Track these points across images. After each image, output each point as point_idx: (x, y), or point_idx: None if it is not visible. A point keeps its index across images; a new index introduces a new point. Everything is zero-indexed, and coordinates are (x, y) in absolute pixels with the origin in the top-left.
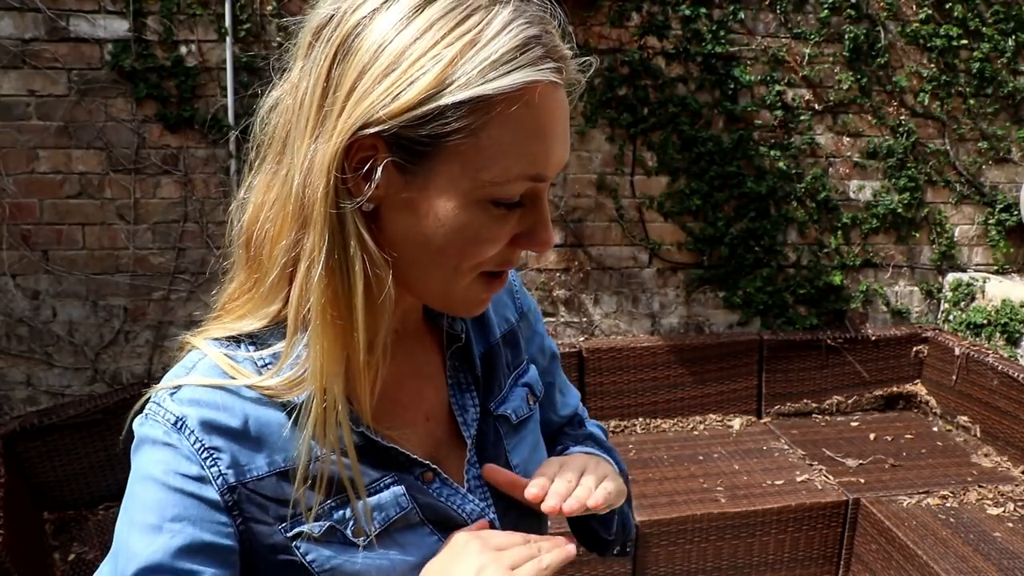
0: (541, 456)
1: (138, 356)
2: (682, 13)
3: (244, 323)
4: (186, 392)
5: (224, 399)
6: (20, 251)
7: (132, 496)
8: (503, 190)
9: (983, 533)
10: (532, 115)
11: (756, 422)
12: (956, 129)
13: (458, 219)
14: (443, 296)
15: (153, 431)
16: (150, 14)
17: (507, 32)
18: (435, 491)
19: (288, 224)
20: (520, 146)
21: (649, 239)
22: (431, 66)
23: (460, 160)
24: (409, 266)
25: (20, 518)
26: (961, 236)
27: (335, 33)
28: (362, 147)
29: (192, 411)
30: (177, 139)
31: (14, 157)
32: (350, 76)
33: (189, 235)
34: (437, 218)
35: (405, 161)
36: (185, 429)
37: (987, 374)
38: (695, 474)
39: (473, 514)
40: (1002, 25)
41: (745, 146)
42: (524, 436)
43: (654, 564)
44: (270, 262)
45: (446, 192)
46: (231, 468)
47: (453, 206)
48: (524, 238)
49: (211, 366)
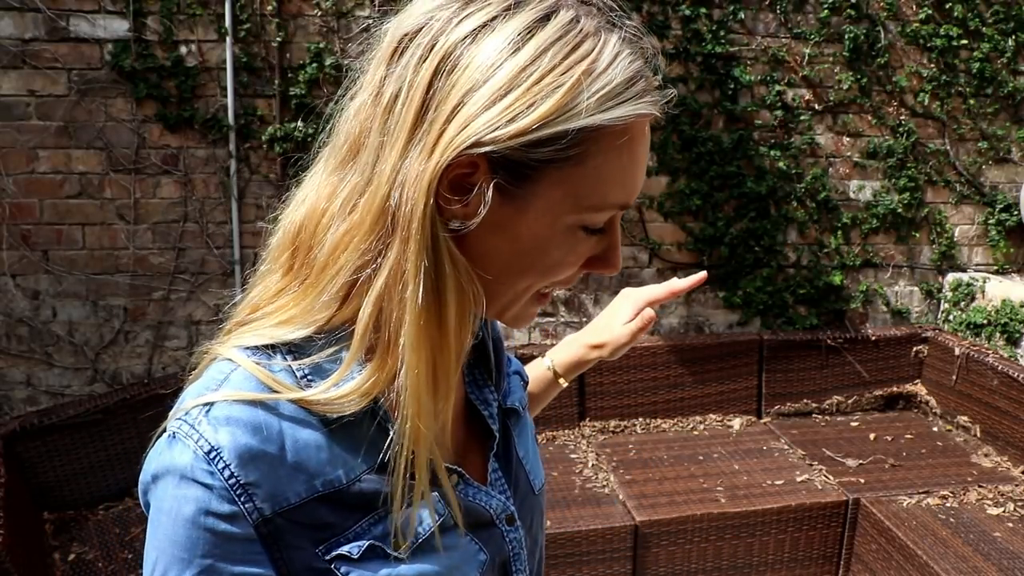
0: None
1: (138, 356)
2: (682, 13)
3: (286, 331)
4: (221, 410)
5: (264, 418)
6: (20, 251)
7: (161, 528)
8: (596, 217)
9: (983, 533)
10: (633, 147)
11: (756, 422)
12: (956, 129)
13: (550, 243)
14: (502, 310)
15: (183, 458)
16: (150, 14)
17: (619, 63)
18: (460, 492)
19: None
20: (620, 175)
21: (649, 239)
22: (551, 91)
23: (564, 186)
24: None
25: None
26: (961, 236)
27: (435, 44)
28: (461, 165)
29: (227, 438)
30: (177, 139)
31: (14, 157)
32: (456, 93)
33: (189, 235)
34: (528, 240)
35: (507, 183)
36: (219, 461)
37: (987, 374)
38: (695, 474)
39: (498, 508)
40: (1002, 25)
41: (745, 146)
42: (524, 425)
43: (654, 564)
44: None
45: (544, 216)
46: (267, 501)
47: (548, 230)
48: (597, 261)
49: (247, 377)
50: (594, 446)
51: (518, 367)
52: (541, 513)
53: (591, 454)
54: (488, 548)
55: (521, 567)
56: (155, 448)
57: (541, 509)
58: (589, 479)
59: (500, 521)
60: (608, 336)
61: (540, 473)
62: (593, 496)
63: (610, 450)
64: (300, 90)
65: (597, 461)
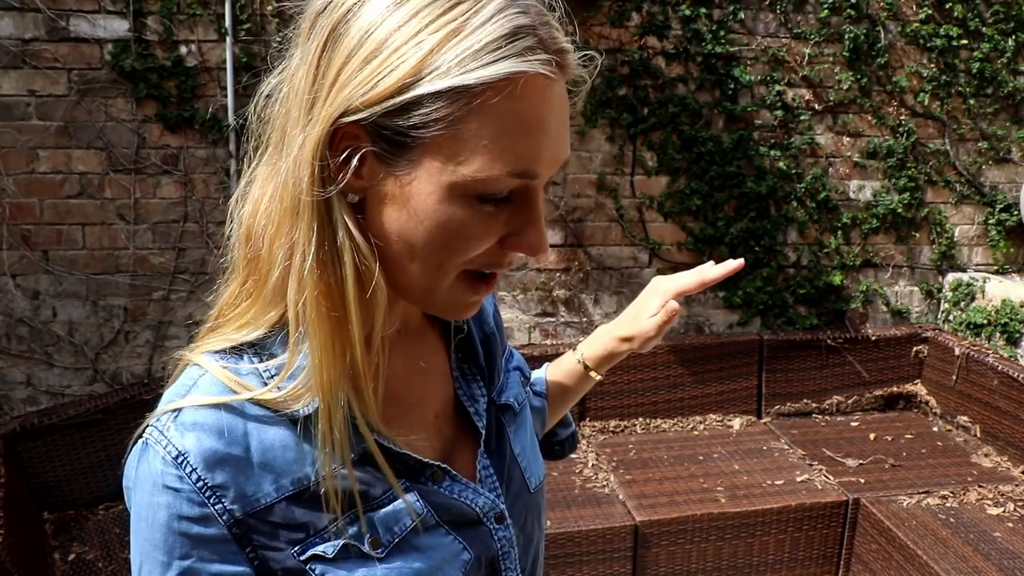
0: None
1: (138, 356)
2: (682, 13)
3: (245, 332)
4: (188, 415)
5: (228, 421)
6: (20, 251)
7: (140, 533)
8: (486, 185)
9: (983, 533)
10: (518, 108)
11: (756, 422)
12: (956, 129)
13: (440, 214)
14: (425, 295)
15: (154, 465)
16: (150, 14)
17: (494, 21)
18: (446, 489)
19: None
20: (504, 140)
21: (649, 239)
22: (411, 54)
23: (442, 153)
24: (392, 262)
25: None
26: (961, 236)
27: (328, 20)
28: (346, 136)
29: (194, 443)
30: (177, 139)
31: (14, 157)
32: (336, 63)
33: (189, 235)
34: (419, 212)
35: (386, 152)
36: (187, 466)
37: (987, 374)
38: (695, 474)
39: (485, 507)
40: (1002, 25)
41: (745, 146)
42: (523, 421)
43: (654, 564)
44: (270, 261)
45: (428, 186)
46: (236, 502)
47: (435, 200)
48: (513, 239)
49: (213, 382)
50: (594, 446)
51: (519, 363)
52: (538, 511)
53: (591, 454)
54: (473, 547)
55: (511, 565)
56: (131, 455)
57: (538, 507)
58: (589, 479)
59: (488, 519)
60: (635, 329)
61: (538, 470)
62: (593, 496)
63: (610, 450)
64: None
65: (597, 461)
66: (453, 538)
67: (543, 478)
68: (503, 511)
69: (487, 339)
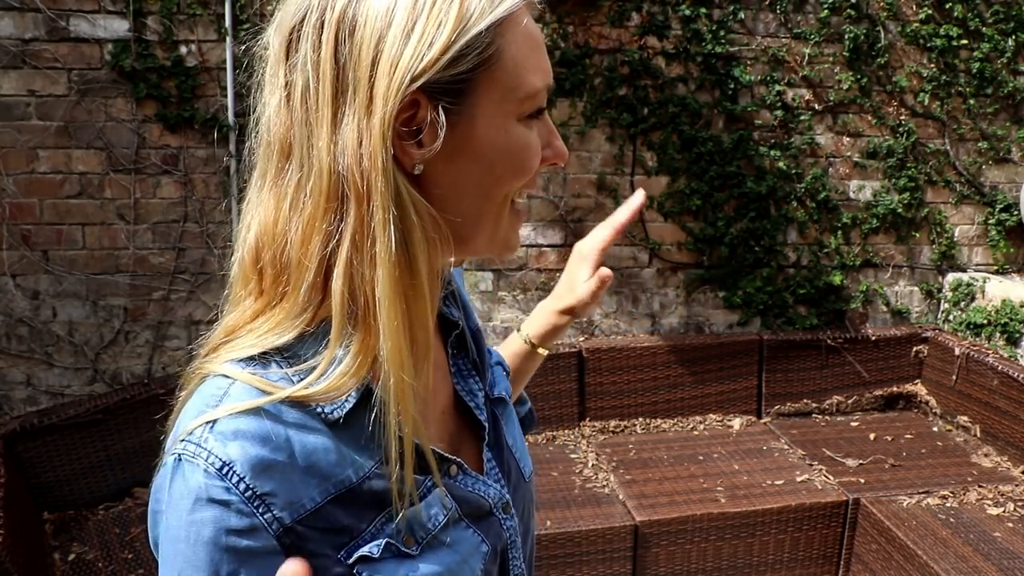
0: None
1: (138, 356)
2: (682, 13)
3: (275, 336)
4: (226, 424)
5: (271, 427)
6: (20, 251)
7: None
8: (535, 102)
9: (983, 533)
10: (529, 30)
11: (756, 422)
12: (956, 129)
13: (511, 141)
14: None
15: (194, 479)
16: (150, 14)
17: None
18: (462, 483)
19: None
20: (532, 59)
21: (649, 239)
22: (448, 7)
23: (497, 85)
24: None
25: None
26: (961, 236)
27: (323, 20)
28: (404, 108)
29: (238, 450)
30: (177, 139)
31: (14, 157)
32: (368, 47)
33: (189, 235)
34: (490, 150)
35: (451, 104)
36: (233, 476)
37: (987, 374)
38: (695, 474)
39: (495, 497)
40: (1002, 25)
41: (745, 146)
42: (510, 414)
43: (654, 564)
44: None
45: (494, 120)
46: (285, 509)
47: (504, 130)
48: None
49: (246, 389)
50: (594, 446)
51: (499, 358)
52: (531, 501)
53: (591, 454)
54: (489, 538)
55: (517, 555)
56: (159, 477)
57: (531, 497)
58: (589, 479)
59: (497, 510)
60: (573, 299)
61: (528, 461)
62: (593, 496)
63: (610, 450)
64: None
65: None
66: (473, 531)
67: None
68: (509, 501)
69: (475, 335)
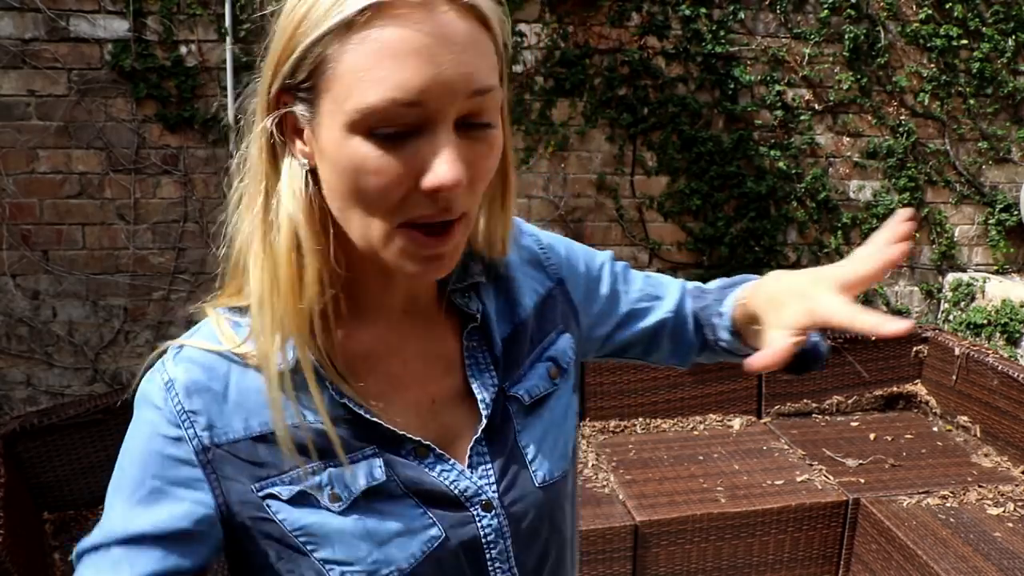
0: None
1: (138, 356)
2: (682, 13)
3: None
4: (186, 352)
5: (215, 361)
6: (20, 251)
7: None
8: (373, 117)
9: (983, 533)
10: (386, 37)
11: (756, 422)
12: (956, 129)
13: (342, 154)
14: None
15: (150, 389)
16: (150, 14)
17: None
18: (427, 466)
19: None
20: (377, 70)
21: (649, 239)
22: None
23: (332, 94)
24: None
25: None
26: (961, 236)
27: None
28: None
29: (182, 373)
30: (177, 139)
31: (14, 157)
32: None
33: (189, 235)
34: (333, 160)
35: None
36: (172, 391)
37: (987, 374)
38: (695, 474)
39: (468, 491)
40: (1002, 25)
41: (745, 146)
42: (539, 415)
43: (654, 564)
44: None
45: (330, 130)
46: (206, 430)
47: (337, 143)
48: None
49: (211, 331)
50: (594, 446)
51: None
52: (549, 508)
53: (591, 454)
54: (447, 527)
55: (500, 557)
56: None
57: (549, 504)
58: (589, 479)
59: (471, 504)
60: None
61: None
62: (593, 496)
63: (610, 450)
64: None
65: (597, 461)
66: (423, 512)
67: (559, 475)
68: (491, 499)
69: (516, 329)
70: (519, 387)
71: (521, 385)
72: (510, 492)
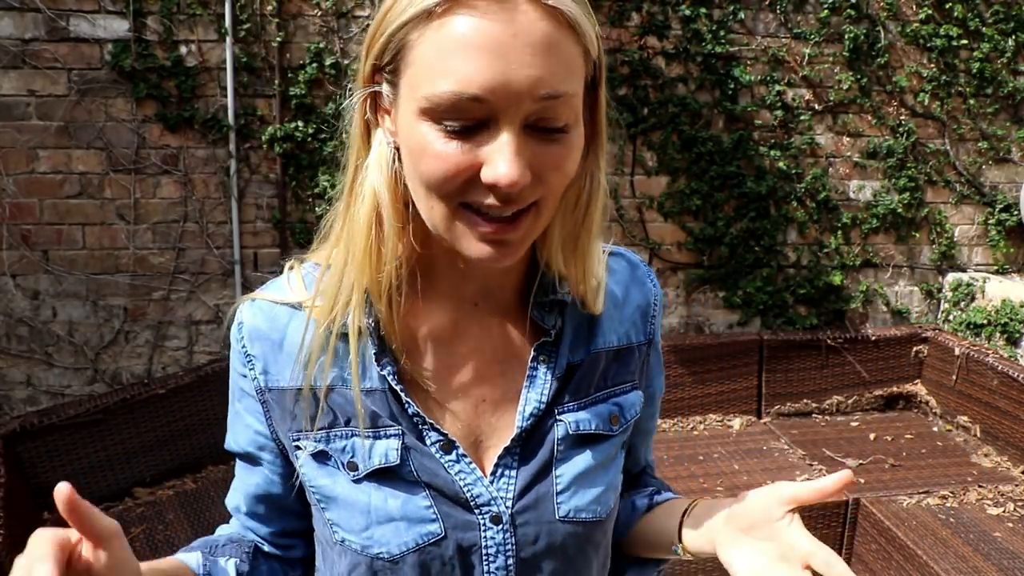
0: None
1: (138, 356)
2: (682, 13)
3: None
4: (260, 301)
5: (278, 312)
6: (20, 251)
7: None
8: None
9: (983, 533)
10: (459, 31)
11: (756, 422)
12: (956, 129)
13: (412, 137)
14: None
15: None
16: (150, 14)
17: None
18: (448, 462)
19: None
20: (448, 61)
21: (649, 239)
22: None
23: (408, 79)
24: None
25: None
26: (961, 236)
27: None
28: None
29: (249, 318)
30: (177, 139)
31: (14, 157)
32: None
33: (189, 235)
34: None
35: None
36: (241, 332)
37: (987, 374)
38: (695, 474)
39: (480, 497)
40: (1002, 25)
41: (745, 146)
42: (586, 452)
43: None
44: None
45: (406, 113)
46: (262, 374)
47: (408, 124)
48: (485, 168)
49: (281, 284)
50: None
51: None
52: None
53: None
54: (448, 526)
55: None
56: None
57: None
58: None
59: (479, 512)
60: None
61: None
62: None
63: None
64: (300, 90)
65: None
66: (430, 504)
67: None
68: (501, 514)
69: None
70: (571, 415)
71: (574, 415)
72: (525, 512)
